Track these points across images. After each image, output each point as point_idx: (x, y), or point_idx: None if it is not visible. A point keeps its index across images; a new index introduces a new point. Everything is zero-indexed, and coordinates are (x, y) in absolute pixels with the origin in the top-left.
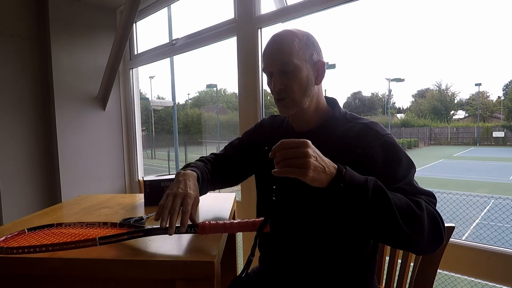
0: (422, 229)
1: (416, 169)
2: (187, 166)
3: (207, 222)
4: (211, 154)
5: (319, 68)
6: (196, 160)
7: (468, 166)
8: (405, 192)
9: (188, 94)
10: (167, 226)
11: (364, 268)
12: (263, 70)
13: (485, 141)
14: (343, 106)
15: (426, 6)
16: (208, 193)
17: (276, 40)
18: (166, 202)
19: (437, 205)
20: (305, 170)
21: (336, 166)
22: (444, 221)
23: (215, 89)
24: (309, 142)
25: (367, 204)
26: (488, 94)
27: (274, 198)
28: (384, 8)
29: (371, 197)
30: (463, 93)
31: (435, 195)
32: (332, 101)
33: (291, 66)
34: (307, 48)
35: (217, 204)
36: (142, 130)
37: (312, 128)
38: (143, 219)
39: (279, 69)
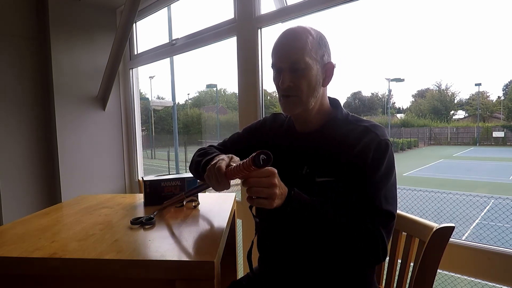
0: (349, 246)
1: (416, 169)
2: (204, 154)
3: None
4: (210, 146)
5: (328, 70)
6: (199, 152)
7: (468, 166)
8: (363, 199)
9: (188, 94)
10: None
11: (364, 267)
12: (272, 65)
13: (485, 141)
14: (343, 106)
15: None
16: (207, 193)
17: (289, 35)
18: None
19: (436, 205)
20: (271, 201)
21: (286, 188)
22: (444, 221)
23: (215, 89)
24: (275, 172)
25: (309, 221)
26: (488, 94)
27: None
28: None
29: (320, 211)
30: (463, 93)
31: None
32: (334, 102)
33: (302, 64)
34: (320, 47)
35: (217, 204)
36: (142, 130)
37: (314, 129)
38: (153, 218)
39: (289, 66)
